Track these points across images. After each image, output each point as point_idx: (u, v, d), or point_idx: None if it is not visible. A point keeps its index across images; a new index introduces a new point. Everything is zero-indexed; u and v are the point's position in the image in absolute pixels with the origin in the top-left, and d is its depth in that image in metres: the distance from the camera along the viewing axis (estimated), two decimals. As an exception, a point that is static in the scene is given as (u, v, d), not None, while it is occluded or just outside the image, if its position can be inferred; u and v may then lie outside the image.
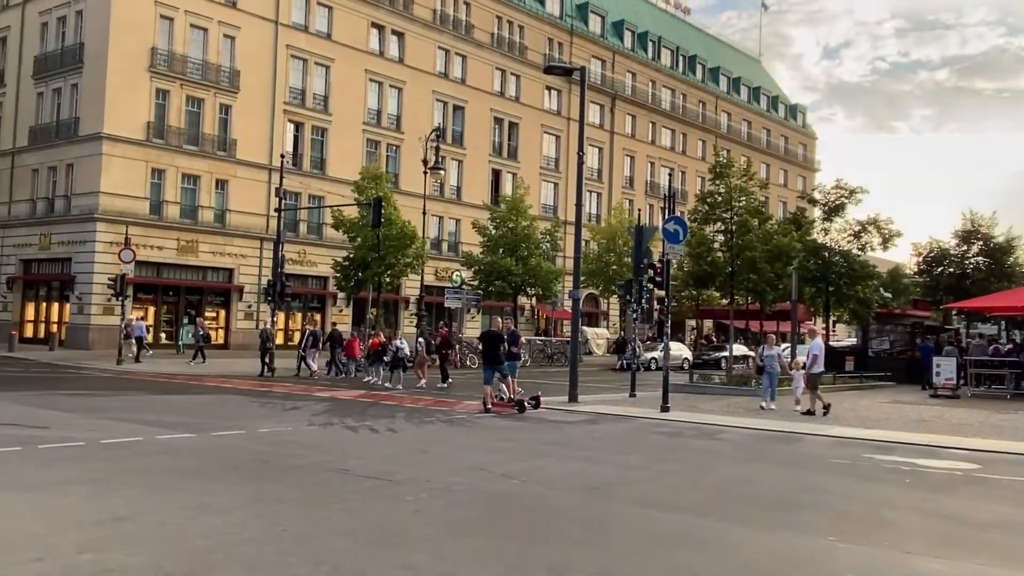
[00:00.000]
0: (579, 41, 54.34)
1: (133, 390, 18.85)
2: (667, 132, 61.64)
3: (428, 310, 38.52)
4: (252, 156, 37.23)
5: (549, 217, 47.51)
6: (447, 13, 46.32)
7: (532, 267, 36.77)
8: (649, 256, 20.56)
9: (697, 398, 20.22)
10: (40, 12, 36.52)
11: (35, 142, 36.07)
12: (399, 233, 31.55)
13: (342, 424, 13.56)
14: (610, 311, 54.70)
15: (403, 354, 21.81)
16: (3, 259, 37.12)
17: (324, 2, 40.40)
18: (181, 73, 34.93)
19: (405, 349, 22.09)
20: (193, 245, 35.45)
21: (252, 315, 36.95)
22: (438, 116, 45.19)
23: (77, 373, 23.62)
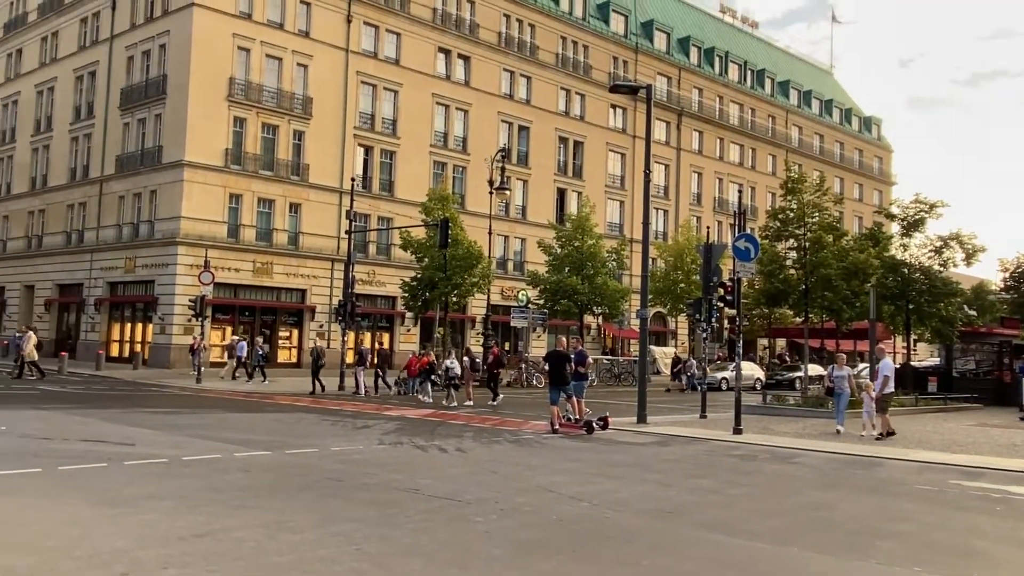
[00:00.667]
0: (644, 59, 54.15)
1: (211, 408, 19.46)
2: (735, 148, 60.68)
3: (494, 329, 38.73)
4: (324, 180, 38.25)
5: (615, 235, 47.25)
6: (512, 36, 46.85)
7: (598, 286, 36.58)
8: (719, 274, 20.21)
9: (771, 420, 19.68)
10: (126, 46, 38.50)
11: (121, 170, 37.89)
12: (465, 253, 31.88)
13: (411, 443, 13.68)
14: (678, 330, 53.87)
15: (454, 373, 22.19)
16: (91, 282, 38.99)
17: (393, 29, 41.40)
18: (257, 101, 36.25)
19: (456, 368, 22.39)
20: (268, 267, 36.55)
21: (324, 334, 37.77)
22: (503, 137, 45.61)
23: (159, 391, 24.55)
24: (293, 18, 37.65)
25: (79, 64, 41.64)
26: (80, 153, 41.31)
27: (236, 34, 35.65)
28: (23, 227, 44.51)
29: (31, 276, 43.31)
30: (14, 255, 44.79)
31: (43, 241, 43.00)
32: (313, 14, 38.33)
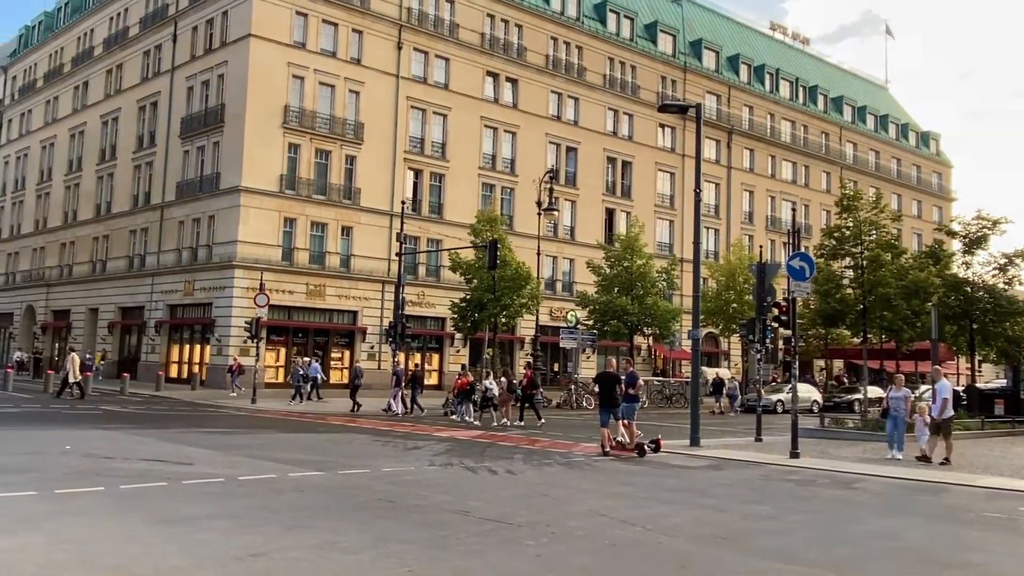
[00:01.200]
0: (693, 77, 53.87)
1: (265, 428, 19.79)
2: (788, 165, 59.75)
3: (543, 350, 38.72)
4: (375, 203, 38.86)
5: (665, 255, 46.84)
6: (559, 58, 47.13)
7: (648, 306, 36.25)
8: (772, 294, 19.81)
9: (829, 443, 19.13)
10: (186, 77, 39.89)
11: (181, 196, 39.12)
12: (514, 274, 31.97)
13: (462, 465, 13.68)
14: (731, 351, 52.97)
15: (491, 394, 22.74)
16: (152, 304, 40.19)
17: (442, 54, 42.04)
18: (311, 128, 37.12)
19: (494, 389, 22.84)
20: (320, 289, 37.17)
21: (375, 355, 38.17)
22: (551, 158, 45.76)
23: (215, 411, 25.08)
24: (345, 46, 38.55)
25: (142, 95, 43.27)
26: (142, 180, 42.80)
27: (291, 63, 36.64)
28: (88, 252, 46.20)
29: (95, 299, 44.85)
30: (79, 279, 46.48)
31: (107, 266, 44.54)
32: (364, 42, 39.19)
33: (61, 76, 51.26)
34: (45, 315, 49.24)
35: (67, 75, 50.60)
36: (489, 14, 44.13)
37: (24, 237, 52.99)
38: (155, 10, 43.24)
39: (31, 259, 51.85)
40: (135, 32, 44.50)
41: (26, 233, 52.79)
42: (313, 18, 37.51)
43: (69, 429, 17.25)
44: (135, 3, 45.07)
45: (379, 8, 39.62)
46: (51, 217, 50.25)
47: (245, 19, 36.10)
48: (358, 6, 38.93)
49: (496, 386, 22.96)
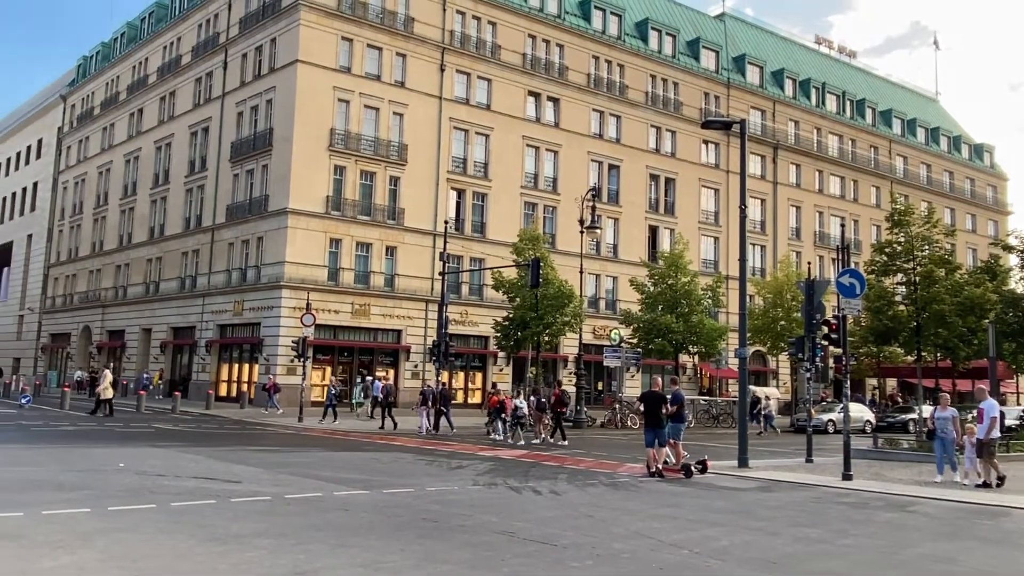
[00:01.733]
0: (737, 93, 53.42)
1: (312, 447, 19.99)
2: (836, 180, 58.69)
3: (587, 368, 38.41)
4: (418, 223, 39.25)
5: (710, 272, 46.27)
6: (601, 76, 47.19)
7: (694, 324, 35.79)
8: (822, 311, 19.40)
9: (883, 465, 18.59)
10: (236, 103, 40.96)
11: (231, 219, 40.04)
12: (557, 292, 31.91)
13: (506, 484, 13.62)
14: (779, 369, 51.95)
15: (521, 413, 23.20)
16: (203, 324, 41.09)
17: (484, 75, 42.45)
18: (356, 150, 37.74)
19: (524, 408, 23.39)
20: (365, 308, 37.59)
21: (418, 374, 38.38)
22: (593, 176, 45.71)
23: (263, 430, 25.45)
24: (389, 70, 39.19)
25: (194, 120, 44.54)
26: (194, 204, 43.95)
27: (337, 87, 37.37)
28: (142, 274, 47.51)
29: (148, 320, 46.05)
30: (134, 300, 47.79)
31: (160, 287, 45.72)
32: (408, 65, 39.79)
33: (117, 104, 53.07)
34: (101, 335, 50.69)
35: (123, 103, 52.38)
36: (530, 35, 44.48)
37: (81, 260, 54.75)
38: (206, 39, 44.59)
39: (88, 281, 53.52)
40: (187, 60, 45.92)
41: (83, 256, 54.54)
42: (358, 43, 38.26)
43: (123, 447, 17.67)
44: (187, 32, 46.56)
45: (422, 32, 40.24)
46: (107, 240, 51.85)
47: (293, 45, 36.99)
48: (402, 30, 39.59)
49: (526, 404, 23.49)
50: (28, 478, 12.18)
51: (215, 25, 44.04)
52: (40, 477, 12.35)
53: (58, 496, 10.58)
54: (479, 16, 42.57)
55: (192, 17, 46.14)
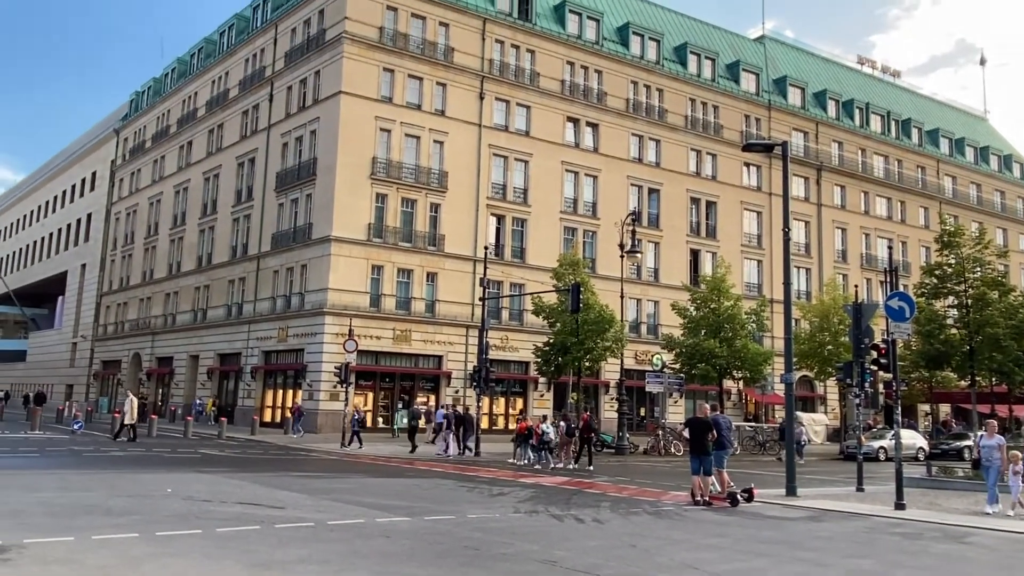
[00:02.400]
0: (778, 115, 52.97)
1: (354, 472, 20.08)
2: (882, 201, 57.59)
3: (629, 394, 38.03)
4: (458, 249, 39.51)
5: (754, 296, 45.62)
6: (640, 101, 47.23)
7: (738, 349, 35.23)
8: (870, 335, 18.95)
9: (937, 494, 17.97)
10: (281, 134, 41.92)
11: (276, 247, 40.81)
12: (597, 317, 31.75)
13: (547, 512, 13.49)
14: (827, 395, 50.76)
15: (548, 438, 23.75)
16: (248, 351, 41.77)
17: (523, 102, 42.81)
18: (397, 178, 38.27)
19: (551, 433, 23.91)
20: (407, 334, 37.84)
21: (459, 400, 38.38)
22: (633, 200, 45.59)
23: (306, 455, 25.66)
24: (430, 99, 39.78)
25: (240, 152, 45.68)
26: (240, 232, 44.92)
27: (378, 117, 38.03)
28: (190, 302, 48.58)
29: (196, 347, 46.99)
30: (182, 327, 48.85)
31: (207, 314, 46.67)
32: (448, 94, 40.34)
33: (167, 137, 54.74)
34: (150, 362, 51.86)
35: (173, 135, 54.00)
36: (568, 62, 44.79)
37: (132, 288, 56.24)
38: (253, 72, 45.85)
39: (138, 309, 54.91)
40: (235, 93, 47.22)
41: (134, 284, 56.03)
42: (400, 73, 38.95)
43: (170, 472, 17.96)
44: (235, 67, 47.93)
45: (462, 61, 40.81)
46: (157, 269, 53.22)
47: (336, 77, 37.81)
48: (442, 60, 40.22)
49: (553, 430, 23.86)
50: (79, 503, 12.44)
51: (261, 59, 45.28)
52: (90, 502, 12.60)
53: (108, 521, 10.78)
54: (518, 45, 43.04)
55: (239, 52, 47.53)
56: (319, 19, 40.16)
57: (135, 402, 29.14)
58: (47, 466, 18.99)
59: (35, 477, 16.28)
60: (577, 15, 45.81)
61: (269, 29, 44.54)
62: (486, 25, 41.77)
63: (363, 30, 38.11)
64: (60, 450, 23.40)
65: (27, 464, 19.32)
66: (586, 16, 46.10)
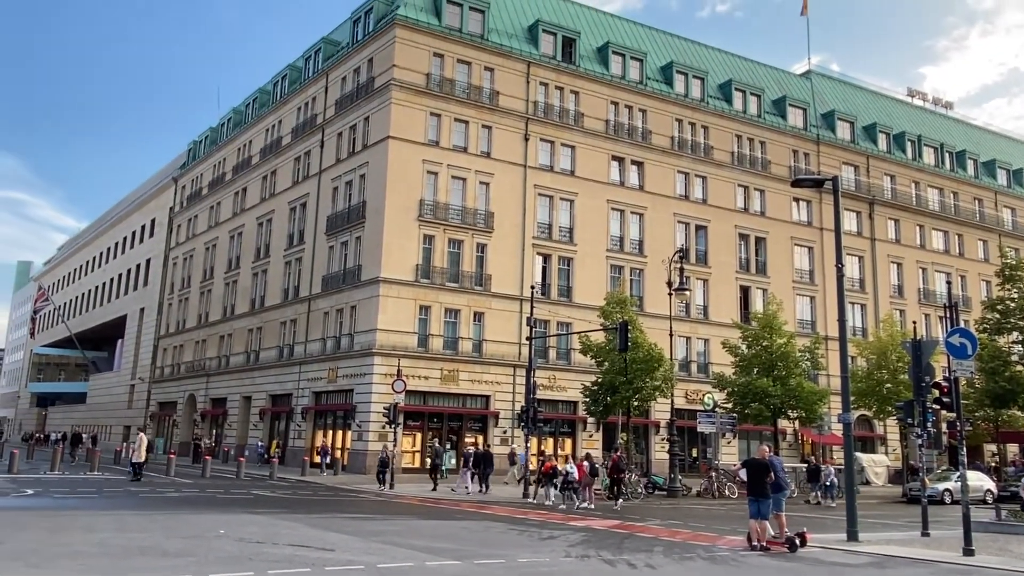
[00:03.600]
0: (827, 149, 52.34)
1: (404, 514, 20.01)
2: (938, 234, 56.16)
3: (680, 434, 37.29)
4: (505, 288, 39.64)
5: (807, 333, 44.61)
6: (685, 139, 47.19)
7: (792, 388, 34.38)
8: (931, 373, 18.31)
9: (1008, 539, 17.11)
10: (332, 179, 42.93)
11: (326, 289, 41.51)
12: (646, 356, 31.38)
13: (599, 557, 13.21)
14: (887, 435, 49.07)
15: (572, 478, 24.11)
16: (299, 392, 42.29)
17: (567, 143, 43.15)
18: (444, 219, 38.75)
19: (574, 473, 24.23)
20: (454, 374, 37.90)
21: (507, 440, 38.15)
22: (680, 237, 45.29)
23: (356, 496, 25.69)
24: (476, 141, 40.39)
25: (293, 197, 46.87)
26: (292, 275, 45.86)
27: (425, 160, 38.72)
28: (243, 343, 49.56)
29: (248, 388, 47.78)
30: (235, 369, 49.78)
31: (259, 356, 47.52)
32: (493, 136, 40.92)
33: (223, 184, 56.52)
34: (204, 403, 52.86)
35: (228, 182, 55.74)
36: (612, 101, 45.10)
37: (188, 331, 57.67)
38: (305, 120, 47.24)
39: (194, 351, 56.20)
40: (287, 141, 48.65)
41: (190, 327, 57.45)
42: (446, 118, 39.69)
43: (223, 513, 18.15)
44: (287, 115, 49.46)
45: (507, 104, 41.42)
46: (212, 312, 54.54)
47: (384, 123, 38.71)
48: (487, 104, 40.89)
49: (576, 470, 24.24)
50: (135, 544, 12.63)
51: (313, 107, 46.66)
52: (146, 543, 12.78)
53: (163, 563, 10.91)
54: (561, 86, 43.55)
55: (292, 101, 49.07)
56: (368, 67, 41.31)
57: (144, 440, 29.13)
58: (105, 507, 19.37)
59: (93, 518, 16.61)
60: (620, 56, 46.24)
61: (320, 78, 45.95)
62: (530, 68, 42.42)
63: (410, 77, 39.04)
64: (117, 491, 23.87)
65: (86, 505, 19.74)
66: (629, 57, 46.49)
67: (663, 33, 53.13)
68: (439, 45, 40.11)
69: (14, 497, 20.95)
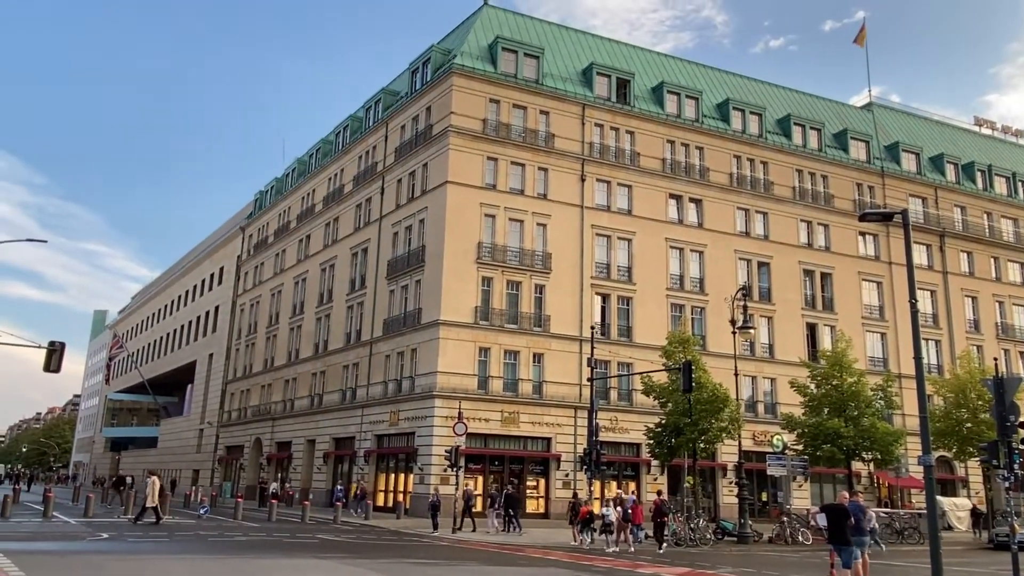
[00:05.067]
0: (892, 182, 51.07)
1: (468, 559, 19.79)
2: (1014, 266, 53.90)
3: (748, 477, 36.15)
4: (564, 329, 39.46)
5: (879, 371, 43.00)
6: (744, 175, 46.70)
7: (865, 428, 33.09)
8: (1015, 412, 17.39)
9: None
10: (392, 224, 43.77)
11: (387, 332, 42.03)
12: (711, 396, 30.69)
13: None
14: (969, 477, 46.67)
15: (609, 520, 24.24)
16: (362, 435, 42.62)
17: (624, 182, 43.14)
18: (502, 261, 39.00)
19: (611, 516, 24.46)
20: (514, 416, 37.69)
21: (569, 483, 37.57)
22: (742, 274, 44.52)
23: (419, 541, 25.57)
24: (532, 183, 40.73)
25: (354, 243, 47.90)
26: (354, 319, 46.61)
27: (483, 203, 39.18)
28: (308, 387, 50.37)
29: (312, 431, 48.40)
30: (300, 412, 50.55)
31: (323, 399, 48.19)
32: (550, 178, 41.21)
33: (288, 232, 58.18)
34: (270, 447, 53.70)
35: (292, 230, 57.35)
36: (668, 140, 45.03)
37: (254, 376, 58.96)
38: (365, 168, 48.48)
39: (260, 395, 57.35)
40: (349, 188, 49.93)
41: (256, 372, 58.74)
42: (503, 161, 40.21)
43: (290, 558, 18.25)
44: (349, 164, 50.86)
45: (562, 146, 41.76)
46: (277, 356, 55.70)
47: (443, 168, 39.42)
48: (543, 146, 41.30)
49: (613, 513, 24.55)
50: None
51: (373, 155, 47.88)
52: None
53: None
54: (617, 127, 43.72)
55: (353, 150, 50.47)
56: (426, 115, 42.28)
57: (156, 483, 28.37)
58: (177, 551, 19.70)
59: (167, 563, 16.90)
60: (675, 95, 46.28)
61: (380, 127, 47.21)
62: (585, 110, 42.76)
63: (467, 123, 39.78)
64: (187, 535, 24.29)
65: (160, 549, 20.12)
66: (684, 95, 46.49)
67: (717, 71, 53.07)
68: (495, 91, 40.84)
69: (90, 541, 21.50)
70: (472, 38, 42.93)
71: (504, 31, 44.38)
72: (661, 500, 25.58)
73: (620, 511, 24.58)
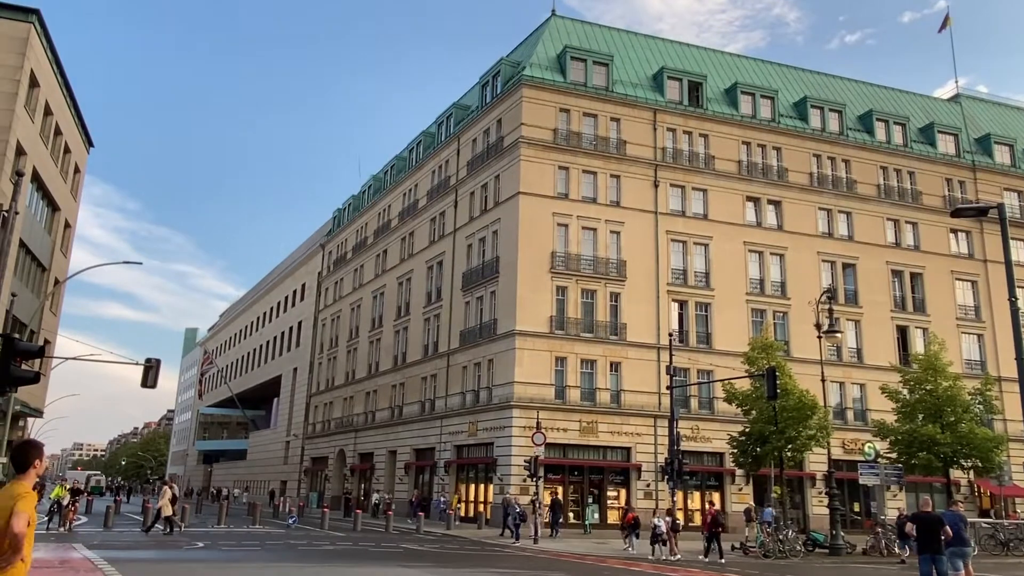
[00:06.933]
0: (984, 175, 48.63)
1: (551, 569, 19.70)
2: (1125, 260, 50.36)
3: (839, 487, 34.84)
4: (641, 337, 39.00)
5: (976, 374, 40.89)
6: (825, 174, 45.29)
7: (963, 434, 31.44)
8: None
9: None
10: (466, 236, 44.23)
11: (464, 343, 42.42)
12: (797, 403, 29.77)
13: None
14: (1081, 486, 43.70)
15: (660, 531, 24.61)
16: (441, 446, 43.08)
17: (698, 187, 42.44)
18: (576, 270, 38.88)
19: (661, 526, 24.64)
20: (593, 426, 37.41)
21: (651, 493, 37.02)
22: (826, 277, 43.13)
23: (501, 551, 25.62)
24: (604, 191, 40.52)
25: (430, 256, 48.63)
26: (431, 331, 47.26)
27: (555, 213, 39.20)
28: (388, 399, 51.30)
29: (393, 442, 49.21)
30: (381, 424, 51.50)
31: (403, 411, 48.97)
32: (622, 185, 40.91)
33: (365, 247, 59.53)
34: (353, 458, 54.85)
35: (370, 246, 58.66)
36: (744, 141, 44.11)
37: (337, 388, 60.42)
38: (439, 182, 49.21)
39: (342, 407, 58.71)
40: (423, 203, 50.77)
41: (338, 385, 60.18)
42: (574, 170, 40.16)
43: (377, 567, 18.57)
44: (423, 179, 51.72)
45: (634, 152, 41.43)
46: (358, 369, 56.94)
47: (515, 180, 39.65)
48: (615, 154, 41.06)
49: (663, 523, 24.86)
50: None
51: (446, 170, 48.58)
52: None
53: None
54: (690, 131, 43.11)
55: (426, 165, 51.33)
56: (497, 128, 42.65)
57: (168, 492, 27.69)
58: (268, 559, 20.31)
59: (259, 570, 17.44)
60: (750, 95, 45.33)
61: (452, 142, 47.87)
62: (656, 115, 42.34)
63: (538, 133, 39.92)
64: (277, 544, 25.00)
65: (252, 557, 20.79)
66: (759, 95, 45.50)
67: (792, 68, 51.77)
68: (565, 100, 40.88)
69: (187, 550, 22.38)
70: (541, 49, 43.13)
71: (572, 40, 44.42)
72: (716, 511, 26.28)
73: (669, 521, 25.30)
